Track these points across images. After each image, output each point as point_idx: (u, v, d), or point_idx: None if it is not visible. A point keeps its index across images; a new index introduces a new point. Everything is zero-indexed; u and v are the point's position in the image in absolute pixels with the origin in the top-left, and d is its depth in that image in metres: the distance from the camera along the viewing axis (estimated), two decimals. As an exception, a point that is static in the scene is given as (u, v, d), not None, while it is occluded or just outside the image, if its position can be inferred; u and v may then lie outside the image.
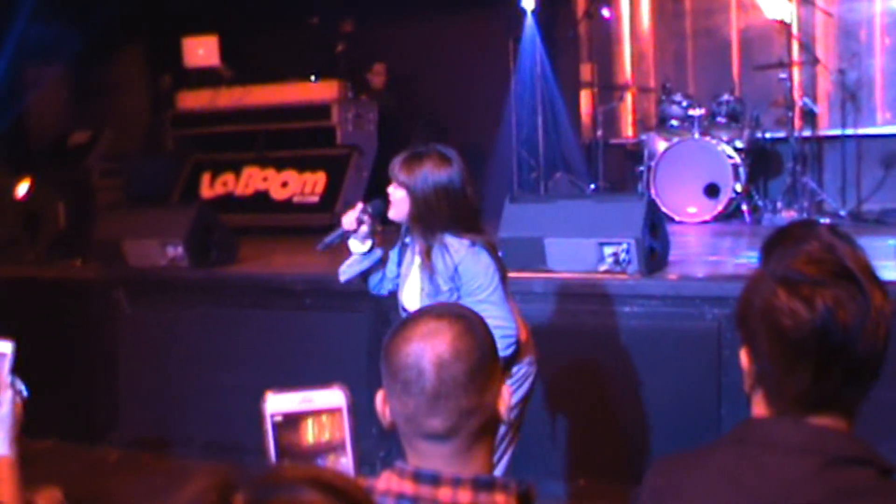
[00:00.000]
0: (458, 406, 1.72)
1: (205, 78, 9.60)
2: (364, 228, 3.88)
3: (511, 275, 5.38)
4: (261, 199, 8.82)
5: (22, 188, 7.35)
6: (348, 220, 3.88)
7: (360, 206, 3.91)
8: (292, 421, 1.34)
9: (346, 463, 1.37)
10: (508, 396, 1.80)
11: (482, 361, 1.76)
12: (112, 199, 8.77)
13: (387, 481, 1.75)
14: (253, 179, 8.95)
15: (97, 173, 8.87)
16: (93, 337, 6.31)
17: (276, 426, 1.33)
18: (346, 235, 3.91)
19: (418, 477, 1.72)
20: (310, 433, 1.37)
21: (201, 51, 9.61)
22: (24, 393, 2.40)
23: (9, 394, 2.32)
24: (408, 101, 9.66)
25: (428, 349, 1.73)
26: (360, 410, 2.77)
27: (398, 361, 1.75)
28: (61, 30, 8.67)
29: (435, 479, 1.71)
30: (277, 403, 1.33)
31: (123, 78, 10.31)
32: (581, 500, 5.00)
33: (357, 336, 5.63)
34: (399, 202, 3.68)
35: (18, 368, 2.48)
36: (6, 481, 2.34)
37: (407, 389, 1.73)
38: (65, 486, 2.96)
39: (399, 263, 3.94)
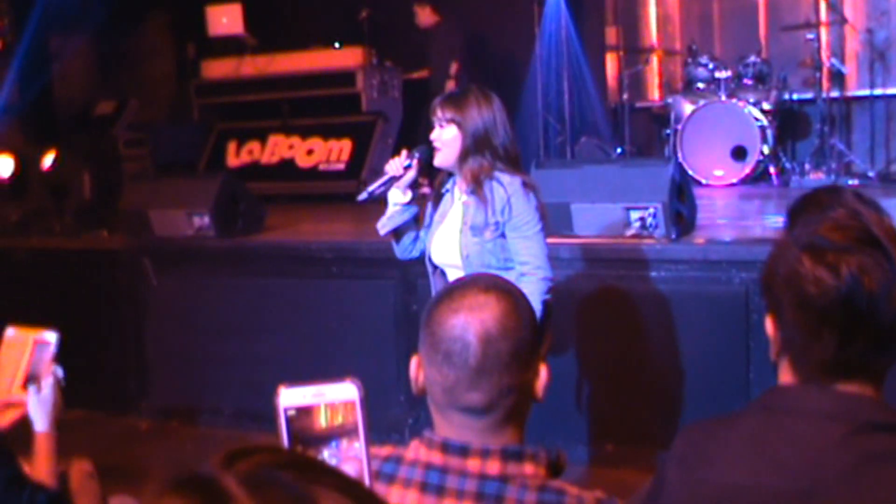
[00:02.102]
0: (498, 382, 1.71)
1: (229, 46, 9.59)
2: (410, 175, 3.77)
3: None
4: (286, 166, 8.82)
5: (48, 159, 7.36)
6: (394, 165, 3.79)
7: (404, 152, 3.82)
8: (305, 414, 1.34)
9: (358, 448, 1.36)
10: (546, 376, 1.79)
11: (526, 339, 1.74)
12: (137, 168, 8.79)
13: (415, 451, 1.75)
14: (278, 147, 8.95)
15: (122, 143, 8.89)
16: (120, 307, 6.35)
17: (289, 420, 1.33)
18: (391, 183, 3.79)
19: (447, 447, 1.72)
20: (322, 423, 1.37)
21: (225, 19, 9.58)
22: (62, 381, 2.46)
23: (51, 379, 2.47)
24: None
25: (475, 322, 1.70)
26: (388, 378, 2.82)
27: (442, 331, 1.72)
28: (86, -1, 8.68)
29: (464, 450, 1.70)
30: (290, 397, 1.33)
31: (148, 47, 10.30)
32: (608, 465, 5.00)
33: (384, 304, 5.62)
34: (450, 142, 3.64)
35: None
36: (43, 456, 2.37)
37: (449, 360, 1.72)
38: (95, 455, 2.99)
39: (431, 220, 3.87)
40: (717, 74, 8.46)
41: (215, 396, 6.03)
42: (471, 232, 3.68)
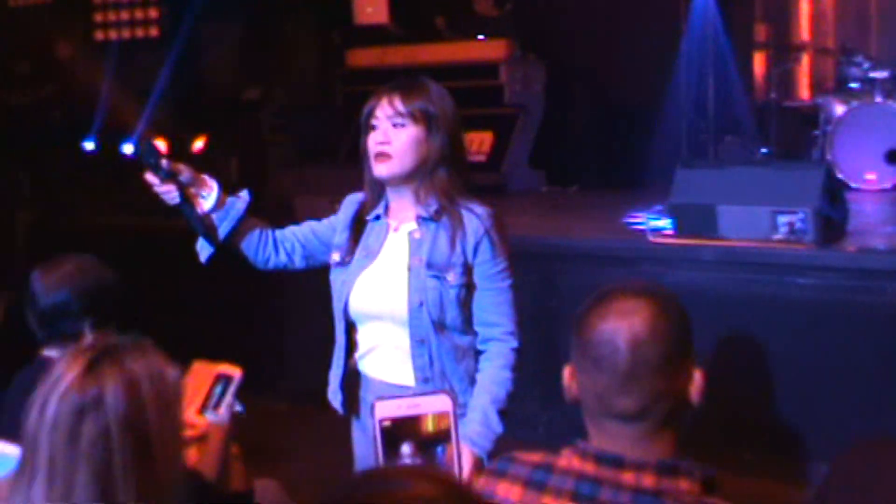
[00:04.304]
0: (650, 388, 1.69)
1: (374, 36, 9.67)
2: (185, 175, 2.86)
3: (681, 242, 5.33)
4: (427, 157, 8.86)
5: (198, 143, 7.55)
6: (167, 192, 2.83)
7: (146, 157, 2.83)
8: (399, 426, 1.34)
9: (452, 459, 1.37)
10: (701, 381, 1.76)
11: (678, 344, 1.72)
12: (282, 155, 8.94)
13: (567, 459, 1.74)
14: (420, 138, 8.99)
15: (267, 129, 9.05)
16: (263, 288, 6.46)
17: (384, 431, 1.33)
18: (186, 204, 2.85)
19: (601, 459, 1.70)
20: (416, 435, 1.37)
21: (370, 9, 9.67)
22: (241, 414, 2.51)
23: (229, 406, 2.43)
24: (572, 60, 9.54)
25: (624, 327, 1.69)
26: (523, 374, 2.80)
27: (592, 337, 1.71)
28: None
29: (618, 462, 1.68)
30: (385, 409, 1.34)
31: (294, 35, 10.46)
32: (747, 474, 4.90)
33: (524, 299, 5.57)
34: (407, 146, 2.75)
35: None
36: (213, 446, 2.42)
37: (598, 366, 1.70)
38: (236, 436, 3.04)
39: (330, 244, 2.97)
40: (873, 74, 8.18)
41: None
42: (427, 271, 2.74)
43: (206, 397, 2.59)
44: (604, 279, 5.28)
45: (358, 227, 2.92)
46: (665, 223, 5.67)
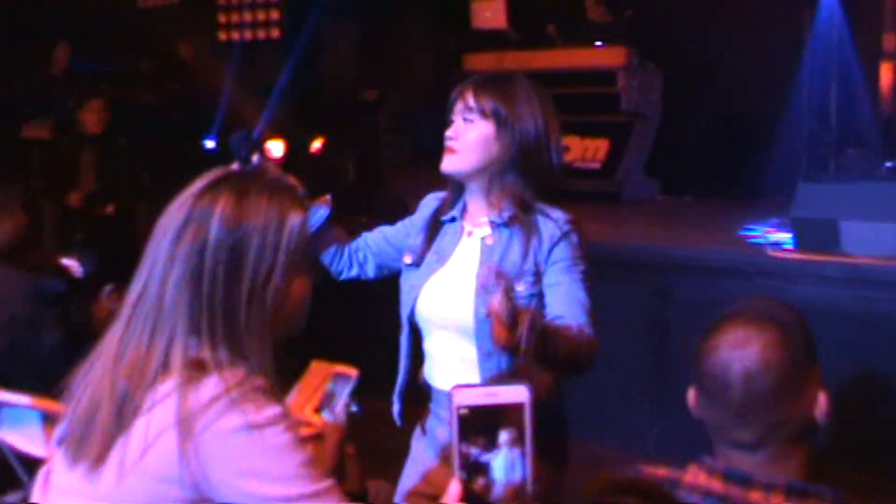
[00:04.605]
0: (765, 420, 1.65)
1: (491, 40, 9.68)
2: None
3: (803, 257, 5.22)
4: (542, 162, 8.83)
5: (316, 144, 7.64)
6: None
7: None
8: (477, 414, 1.35)
9: (525, 455, 1.37)
10: (826, 402, 1.71)
11: (794, 372, 1.66)
12: (398, 156, 9.01)
13: (694, 476, 1.71)
14: (535, 143, 8.97)
15: (383, 131, 9.13)
16: (377, 287, 6.51)
17: (461, 418, 1.34)
18: None
19: (729, 476, 1.67)
20: (492, 425, 1.38)
21: (489, 13, 9.68)
22: (357, 415, 2.51)
23: (345, 406, 2.40)
24: (693, 67, 9.43)
25: (735, 361, 1.64)
26: (635, 386, 2.76)
27: (705, 370, 1.68)
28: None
29: (746, 481, 1.65)
30: (463, 397, 1.35)
31: (411, 38, 10.53)
32: (863, 496, 4.77)
33: (637, 310, 5.55)
34: (475, 143, 2.59)
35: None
36: (329, 444, 2.44)
37: (711, 399, 1.68)
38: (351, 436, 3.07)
39: (403, 248, 2.79)
40: None
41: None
42: (483, 295, 2.42)
43: (324, 396, 2.62)
44: (720, 292, 5.24)
45: (433, 228, 2.74)
46: (785, 237, 5.56)
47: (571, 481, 2.63)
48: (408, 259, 2.76)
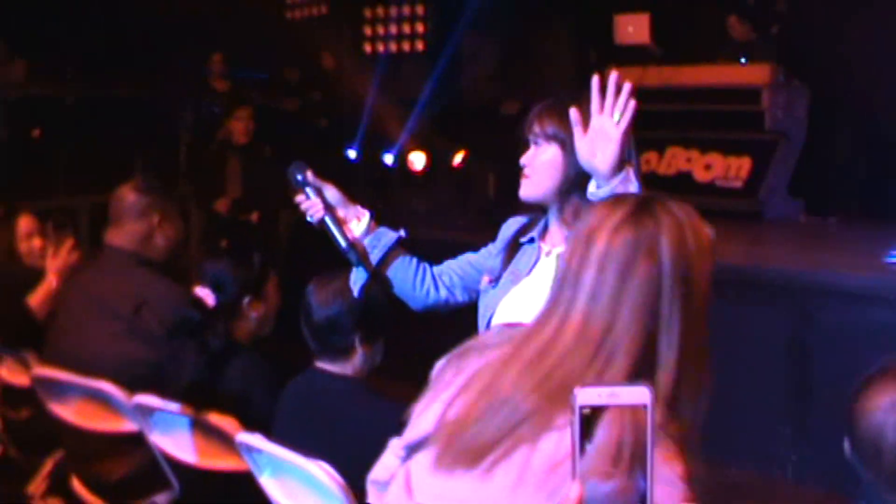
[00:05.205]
0: None
1: (633, 55, 9.62)
2: (331, 194, 2.78)
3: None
4: (683, 179, 8.73)
5: (458, 157, 7.69)
6: (310, 209, 2.76)
7: (297, 177, 2.77)
8: (599, 413, 1.34)
9: (648, 458, 1.36)
10: None
11: None
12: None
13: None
14: (676, 160, 8.89)
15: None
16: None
17: (583, 418, 1.34)
18: (336, 227, 2.76)
19: None
20: (615, 426, 1.38)
21: (631, 28, 9.62)
22: None
23: None
24: (840, 84, 9.21)
25: (889, 429, 1.61)
26: (774, 410, 2.69)
27: (858, 431, 1.64)
28: (498, 1, 8.99)
29: None
30: (586, 396, 1.34)
31: (551, 51, 10.53)
32: None
33: (776, 333, 5.46)
34: (545, 166, 2.61)
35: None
36: None
37: (865, 461, 1.64)
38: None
39: (485, 271, 2.80)
40: None
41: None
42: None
43: None
44: (863, 319, 5.12)
45: (512, 249, 2.76)
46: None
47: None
48: (485, 280, 2.78)
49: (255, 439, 2.83)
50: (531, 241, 2.72)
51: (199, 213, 8.32)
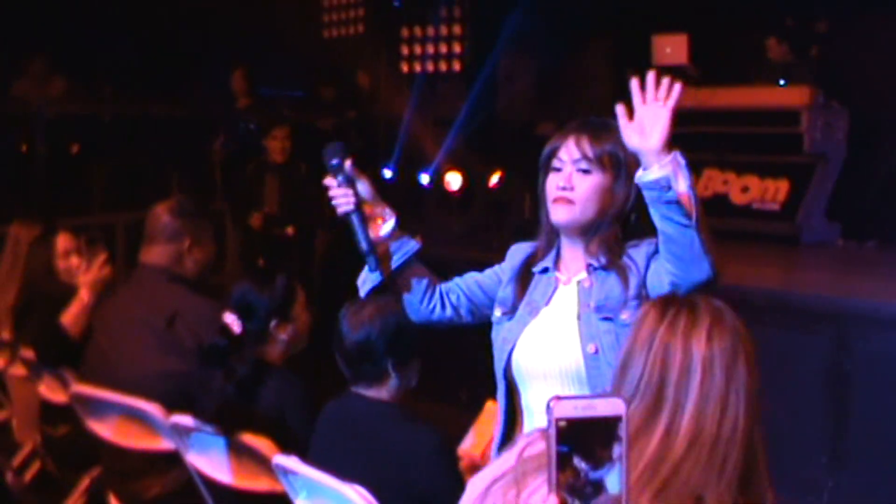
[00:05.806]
0: None
1: (671, 76, 9.58)
2: (363, 188, 2.68)
3: None
4: (719, 202, 8.69)
5: (494, 177, 7.70)
6: (343, 196, 2.66)
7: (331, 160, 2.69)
8: (574, 426, 1.33)
9: (620, 471, 1.35)
10: None
11: None
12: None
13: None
14: (713, 182, 8.85)
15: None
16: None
17: (559, 430, 1.33)
18: (362, 223, 2.66)
19: None
20: (590, 439, 1.36)
21: (669, 49, 9.59)
22: None
23: None
24: (880, 107, 9.14)
25: None
26: (810, 437, 2.66)
27: None
28: (536, 22, 9.00)
29: None
30: (562, 408, 1.33)
31: (588, 72, 10.52)
32: None
33: (814, 359, 5.41)
34: (592, 193, 2.49)
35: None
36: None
37: None
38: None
39: (494, 295, 2.70)
40: None
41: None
42: (597, 314, 2.45)
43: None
44: (905, 349, 5.05)
45: (524, 279, 2.62)
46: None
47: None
48: (498, 312, 2.66)
49: (292, 461, 2.84)
50: (545, 270, 2.60)
51: (236, 230, 8.35)
